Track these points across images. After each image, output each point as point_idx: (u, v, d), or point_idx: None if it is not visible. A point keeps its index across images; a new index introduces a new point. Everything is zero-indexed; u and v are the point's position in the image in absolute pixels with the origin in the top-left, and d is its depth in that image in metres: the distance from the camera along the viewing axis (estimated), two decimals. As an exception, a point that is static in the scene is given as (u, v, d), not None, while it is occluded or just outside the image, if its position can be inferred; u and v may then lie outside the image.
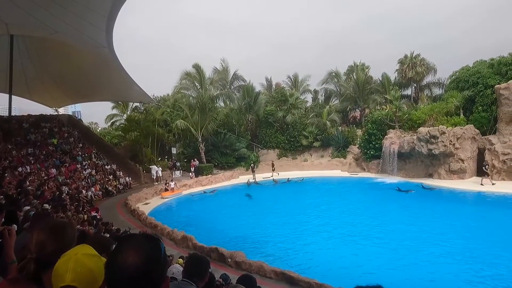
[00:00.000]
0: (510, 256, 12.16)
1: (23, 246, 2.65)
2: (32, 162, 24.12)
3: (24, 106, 41.73)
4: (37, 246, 1.85)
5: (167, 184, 26.75)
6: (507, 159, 23.59)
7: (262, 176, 32.46)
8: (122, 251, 1.31)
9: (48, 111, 35.06)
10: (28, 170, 22.35)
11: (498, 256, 12.20)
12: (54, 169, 24.21)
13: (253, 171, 32.23)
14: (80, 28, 16.42)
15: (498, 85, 25.66)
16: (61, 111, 41.62)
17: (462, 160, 25.02)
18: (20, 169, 21.96)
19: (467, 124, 26.99)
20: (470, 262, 11.94)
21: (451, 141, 24.61)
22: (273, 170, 31.63)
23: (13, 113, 26.25)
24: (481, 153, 25.75)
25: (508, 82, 25.11)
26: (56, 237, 1.89)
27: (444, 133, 24.58)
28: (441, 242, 14.04)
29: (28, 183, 18.67)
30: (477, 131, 26.29)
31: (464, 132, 25.20)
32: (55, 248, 1.82)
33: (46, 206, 12.13)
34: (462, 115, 29.11)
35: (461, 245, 13.64)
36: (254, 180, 31.09)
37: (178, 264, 6.70)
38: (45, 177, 22.26)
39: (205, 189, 28.51)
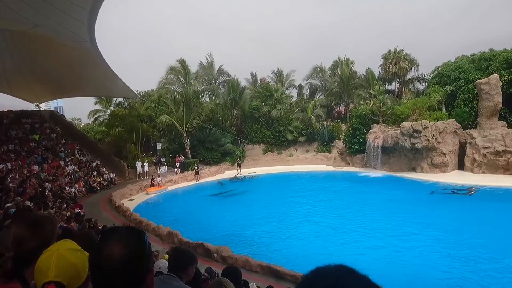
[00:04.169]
0: None
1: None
2: (14, 158, 23.63)
3: (4, 102, 40.64)
4: (15, 242, 1.81)
5: (154, 180, 26.58)
6: (487, 152, 24.12)
7: (247, 171, 32.58)
8: (106, 244, 1.30)
9: (29, 106, 34.16)
10: (9, 167, 21.89)
11: None
12: (36, 166, 23.77)
13: (238, 166, 32.35)
14: (61, 22, 16.00)
15: (479, 80, 26.17)
16: (43, 106, 40.68)
17: (444, 154, 25.48)
18: (0, 165, 21.49)
19: (449, 118, 27.48)
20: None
21: (433, 135, 25.02)
22: (197, 173, 31.06)
23: (-8, 109, 25.64)
24: (462, 147, 26.28)
25: (489, 77, 25.63)
26: (34, 232, 1.84)
27: (426, 127, 24.98)
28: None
29: (9, 180, 18.29)
30: (459, 125, 26.79)
31: (446, 127, 25.66)
32: (34, 244, 1.79)
33: (28, 203, 11.90)
34: (444, 109, 29.67)
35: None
36: (239, 174, 31.21)
37: (165, 259, 6.67)
38: (27, 174, 21.84)
39: (237, 176, 30.47)
